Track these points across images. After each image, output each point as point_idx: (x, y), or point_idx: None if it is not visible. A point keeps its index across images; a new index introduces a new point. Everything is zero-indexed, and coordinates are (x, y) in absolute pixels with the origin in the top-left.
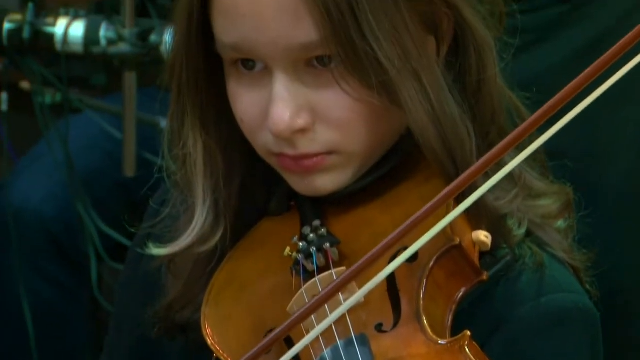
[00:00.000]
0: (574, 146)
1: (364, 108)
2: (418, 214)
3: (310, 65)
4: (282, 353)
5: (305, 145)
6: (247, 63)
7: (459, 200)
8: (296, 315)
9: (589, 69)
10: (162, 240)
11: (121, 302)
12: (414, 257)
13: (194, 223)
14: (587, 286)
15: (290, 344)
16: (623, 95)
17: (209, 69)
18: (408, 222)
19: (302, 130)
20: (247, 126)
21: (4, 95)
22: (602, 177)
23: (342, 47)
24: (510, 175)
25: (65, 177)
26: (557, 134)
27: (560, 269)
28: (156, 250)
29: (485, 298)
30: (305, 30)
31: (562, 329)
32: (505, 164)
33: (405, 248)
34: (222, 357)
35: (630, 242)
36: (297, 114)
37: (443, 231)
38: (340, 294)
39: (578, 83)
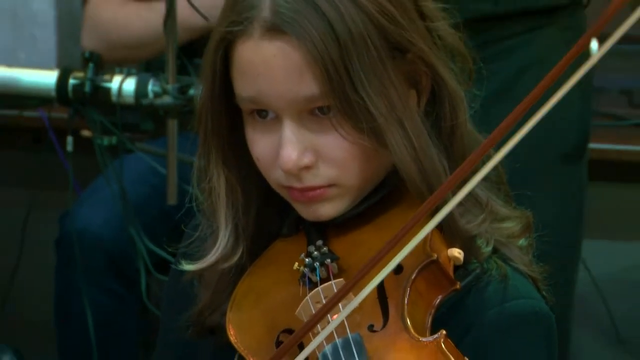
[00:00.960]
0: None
1: (357, 149)
2: (399, 231)
3: (313, 114)
4: (293, 354)
5: (310, 180)
6: (261, 113)
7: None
8: (309, 322)
9: (512, 113)
10: (192, 258)
11: (165, 309)
12: (399, 270)
13: (217, 244)
14: (544, 293)
15: (300, 346)
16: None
17: (230, 118)
18: (391, 239)
19: (307, 168)
20: (262, 164)
21: (70, 139)
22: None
23: (338, 99)
24: (478, 202)
25: (119, 206)
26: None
27: (521, 279)
28: (187, 267)
29: (459, 304)
30: (308, 86)
31: (522, 328)
32: (473, 193)
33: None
34: (243, 354)
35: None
36: (302, 154)
37: (423, 248)
38: (340, 304)
39: (508, 123)
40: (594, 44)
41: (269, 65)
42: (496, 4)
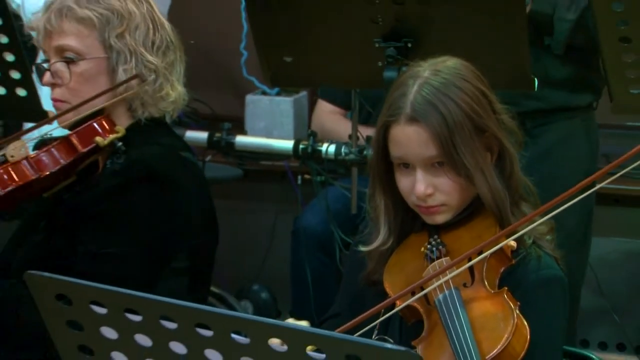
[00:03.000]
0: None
1: (458, 186)
2: (486, 242)
3: (433, 166)
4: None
5: (430, 202)
6: (404, 165)
7: (506, 234)
8: (428, 276)
9: (569, 191)
10: (364, 244)
11: (347, 270)
12: (480, 252)
13: (379, 237)
14: (561, 266)
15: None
16: None
17: (386, 167)
18: (481, 245)
19: (429, 195)
20: (404, 193)
21: (299, 177)
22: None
23: (447, 159)
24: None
25: (325, 213)
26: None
27: (548, 258)
28: (362, 248)
29: (513, 272)
30: (430, 152)
31: (549, 285)
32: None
33: (481, 252)
34: (390, 295)
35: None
36: (427, 188)
37: (495, 242)
38: (447, 270)
39: (563, 196)
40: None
41: (409, 140)
42: (538, 101)
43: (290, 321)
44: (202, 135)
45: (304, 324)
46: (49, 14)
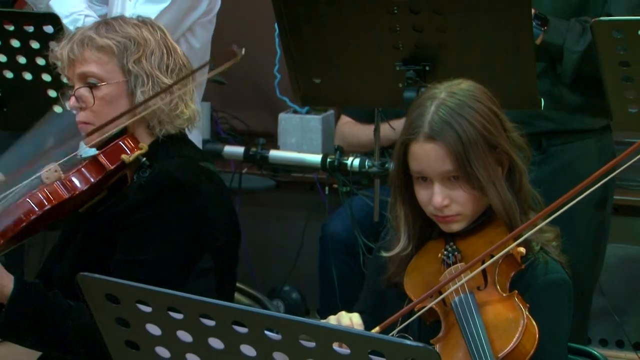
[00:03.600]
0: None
1: (472, 197)
2: (496, 244)
3: (449, 179)
4: (436, 299)
5: (447, 212)
6: (423, 178)
7: (515, 238)
8: (445, 280)
9: (569, 193)
10: (385, 250)
11: (370, 272)
12: (492, 257)
13: (399, 243)
14: (567, 270)
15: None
16: None
17: (406, 179)
18: (491, 248)
19: (445, 206)
20: (423, 204)
21: (327, 188)
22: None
23: (462, 173)
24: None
25: (350, 221)
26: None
27: (554, 263)
28: (384, 253)
29: (522, 276)
30: (447, 166)
31: (555, 288)
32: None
33: (492, 256)
34: (412, 298)
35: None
36: (443, 200)
37: (505, 247)
38: (462, 275)
39: (564, 198)
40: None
41: (428, 156)
42: (554, 123)
43: (343, 312)
44: (239, 149)
45: (355, 315)
46: (72, 44)
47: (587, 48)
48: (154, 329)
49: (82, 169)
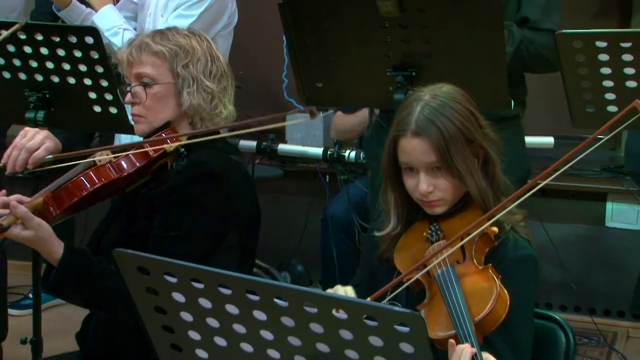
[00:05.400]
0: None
1: (452, 185)
2: (473, 224)
3: (433, 169)
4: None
5: (431, 197)
6: (410, 168)
7: (489, 219)
8: (429, 255)
9: (536, 178)
10: (378, 229)
11: (365, 250)
12: (469, 235)
13: (390, 225)
14: (533, 247)
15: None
16: None
17: (395, 169)
18: (469, 227)
19: (430, 193)
20: (410, 190)
21: (327, 177)
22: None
23: (444, 164)
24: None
25: (347, 205)
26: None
27: (523, 241)
28: (376, 233)
29: (495, 251)
30: (431, 158)
31: (524, 263)
32: (503, 209)
33: (469, 234)
34: (400, 271)
35: None
36: (428, 187)
37: (480, 227)
38: (444, 250)
39: (531, 184)
40: None
41: (414, 149)
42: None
43: (338, 286)
44: (252, 143)
45: (349, 288)
46: (131, 48)
47: (515, 49)
48: (178, 297)
49: (130, 154)
